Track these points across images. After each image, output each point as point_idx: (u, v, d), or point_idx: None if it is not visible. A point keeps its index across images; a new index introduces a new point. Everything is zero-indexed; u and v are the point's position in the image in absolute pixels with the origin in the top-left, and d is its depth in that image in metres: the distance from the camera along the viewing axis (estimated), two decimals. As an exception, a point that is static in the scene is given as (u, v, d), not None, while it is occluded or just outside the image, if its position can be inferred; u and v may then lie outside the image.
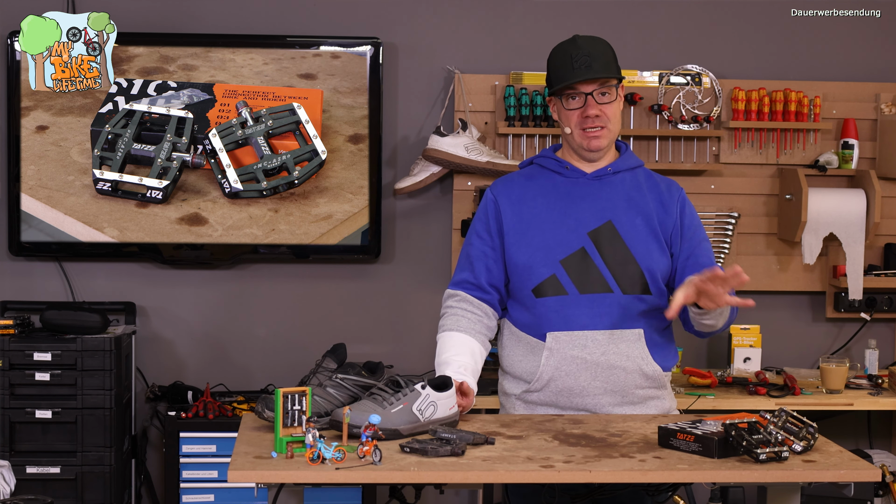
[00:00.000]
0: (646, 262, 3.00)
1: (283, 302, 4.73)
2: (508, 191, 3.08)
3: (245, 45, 4.60)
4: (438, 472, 2.46)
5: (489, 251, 3.05)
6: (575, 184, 3.05)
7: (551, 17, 4.73)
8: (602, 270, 2.98)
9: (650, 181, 3.10)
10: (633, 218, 3.02)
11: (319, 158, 4.51)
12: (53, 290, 4.64)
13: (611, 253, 2.98)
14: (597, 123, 2.99)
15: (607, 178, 3.06)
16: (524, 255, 3.00)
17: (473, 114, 4.66)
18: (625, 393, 2.99)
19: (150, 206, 4.54)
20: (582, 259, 2.97)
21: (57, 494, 4.12)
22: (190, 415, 4.33)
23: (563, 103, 3.02)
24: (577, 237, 2.99)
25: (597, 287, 2.97)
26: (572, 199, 3.03)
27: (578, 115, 3.00)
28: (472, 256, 3.07)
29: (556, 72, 3.02)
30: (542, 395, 3.00)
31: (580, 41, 3.02)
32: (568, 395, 2.98)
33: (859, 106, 4.78)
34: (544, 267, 2.98)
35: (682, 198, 3.10)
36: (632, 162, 3.10)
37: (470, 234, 3.11)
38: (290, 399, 2.57)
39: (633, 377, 2.98)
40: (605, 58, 3.01)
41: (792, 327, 4.87)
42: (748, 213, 4.76)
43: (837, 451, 2.67)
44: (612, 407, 2.99)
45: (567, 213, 3.02)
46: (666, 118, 4.68)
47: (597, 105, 2.98)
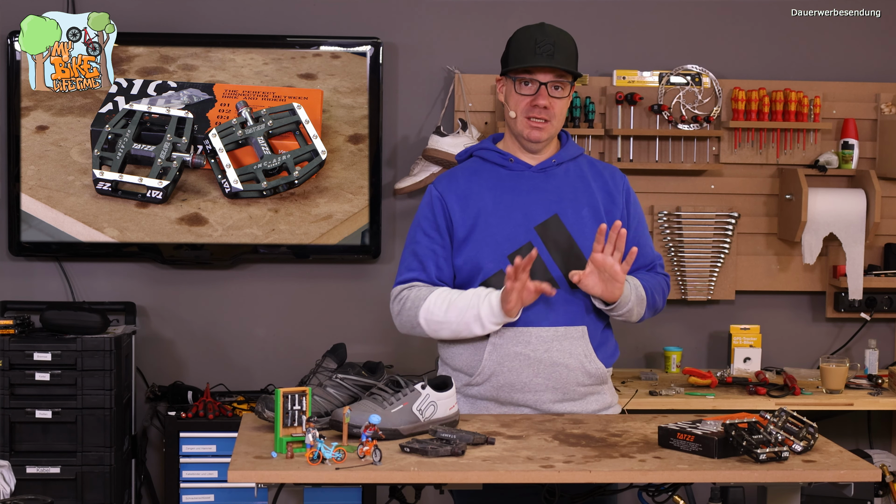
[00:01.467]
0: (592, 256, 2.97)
1: (283, 302, 4.73)
2: (454, 186, 3.04)
3: (245, 45, 4.60)
4: (438, 472, 2.46)
5: (438, 249, 3.01)
6: (520, 177, 3.03)
7: (551, 17, 4.71)
8: (548, 265, 2.96)
9: (593, 169, 3.08)
10: (579, 209, 3.00)
11: (319, 158, 4.51)
12: (53, 290, 4.64)
13: (557, 247, 2.97)
14: (543, 115, 2.97)
15: (552, 170, 3.04)
16: (472, 251, 2.98)
17: (473, 114, 4.66)
18: (566, 390, 2.98)
19: (150, 206, 4.54)
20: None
21: (57, 494, 4.12)
22: (190, 415, 4.33)
23: (514, 86, 2.99)
24: (525, 231, 2.97)
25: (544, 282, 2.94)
26: (518, 193, 3.01)
27: (527, 103, 2.97)
28: (421, 254, 3.02)
29: (517, 52, 2.99)
30: (483, 390, 2.99)
31: (548, 28, 3.00)
32: (509, 391, 2.97)
33: (859, 106, 4.78)
34: (492, 262, 2.97)
35: (627, 186, 3.09)
36: (574, 151, 3.08)
37: (414, 231, 3.06)
38: (290, 399, 2.57)
39: (575, 374, 2.97)
40: (568, 51, 2.98)
41: (792, 327, 4.87)
42: (748, 213, 4.76)
43: (837, 451, 2.67)
44: (552, 403, 2.98)
45: (513, 207, 2.99)
46: (666, 118, 4.68)
47: (548, 97, 2.96)
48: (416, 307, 2.98)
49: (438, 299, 2.95)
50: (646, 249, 3.11)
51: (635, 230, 3.08)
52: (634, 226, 3.08)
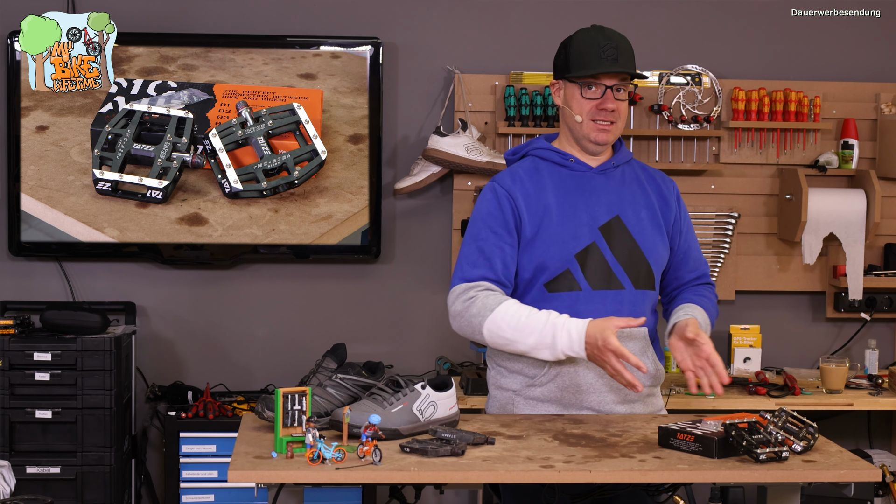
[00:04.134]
0: (653, 257, 2.99)
1: (283, 302, 4.73)
2: (519, 184, 3.00)
3: (245, 45, 4.60)
4: (438, 472, 2.46)
5: (506, 247, 2.95)
6: (582, 177, 3.02)
7: (551, 17, 4.73)
8: (613, 266, 2.96)
9: (645, 173, 3.10)
10: (638, 212, 3.01)
11: (319, 158, 4.51)
12: (53, 290, 4.64)
13: (620, 248, 2.97)
14: (610, 118, 2.97)
15: (611, 172, 3.04)
16: (538, 250, 2.95)
17: (473, 114, 4.66)
18: (628, 391, 2.97)
19: (150, 206, 4.54)
20: (594, 254, 2.94)
21: (57, 494, 4.12)
22: (190, 415, 4.33)
23: (580, 91, 2.97)
24: (589, 231, 2.96)
25: (609, 283, 2.95)
26: (581, 193, 2.99)
27: (594, 107, 2.96)
28: (488, 251, 2.94)
29: (581, 57, 2.96)
30: (546, 391, 2.97)
31: (609, 32, 2.99)
32: (574, 392, 2.96)
33: (859, 106, 4.78)
34: (559, 261, 2.94)
35: (677, 191, 3.12)
36: (627, 155, 3.10)
37: (479, 228, 2.97)
38: (290, 399, 2.57)
39: (638, 375, 2.96)
40: (629, 53, 2.98)
41: (792, 327, 4.87)
42: (748, 213, 4.76)
43: (837, 451, 2.67)
44: (612, 405, 2.97)
45: (578, 207, 2.98)
46: (666, 118, 4.68)
47: (614, 100, 2.96)
48: (482, 316, 2.88)
49: (508, 314, 2.86)
50: (697, 255, 3.11)
51: (686, 235, 3.09)
52: (686, 229, 3.09)
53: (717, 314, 3.13)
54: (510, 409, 3.02)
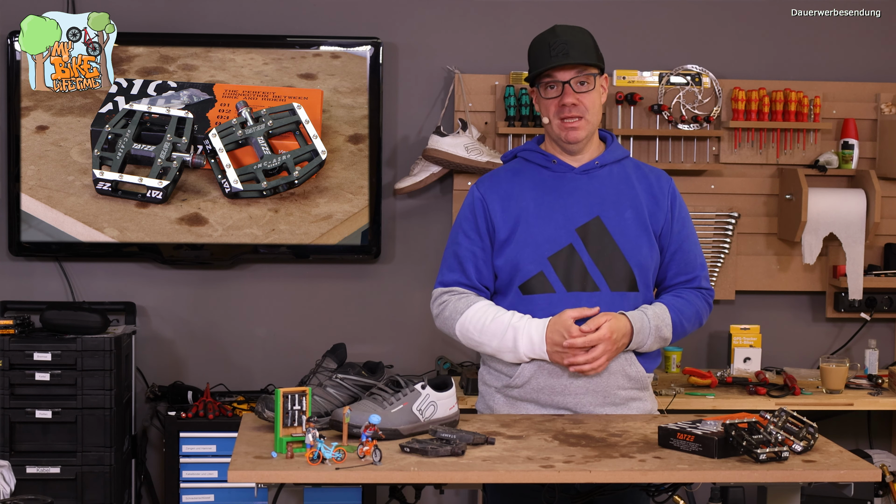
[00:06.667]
0: (635, 258, 2.96)
1: (283, 302, 4.73)
2: (495, 187, 3.02)
3: (245, 45, 4.60)
4: (438, 472, 2.46)
5: (478, 251, 3.00)
6: (562, 178, 3.01)
7: (551, 17, 4.73)
8: (589, 268, 2.94)
9: (638, 172, 3.06)
10: (622, 212, 2.98)
11: (319, 158, 4.51)
12: (53, 290, 4.64)
13: (598, 249, 2.95)
14: (574, 113, 2.95)
15: (595, 172, 3.02)
16: (512, 252, 2.96)
17: (473, 114, 4.66)
18: (607, 394, 2.96)
19: (150, 206, 4.54)
20: (569, 256, 2.94)
21: (57, 494, 4.12)
22: (190, 415, 4.33)
23: (541, 92, 2.99)
24: (566, 233, 2.95)
25: (584, 285, 2.94)
26: (560, 195, 2.99)
27: (556, 105, 2.97)
28: (461, 256, 3.01)
29: (535, 60, 2.98)
30: (523, 392, 2.98)
31: (558, 30, 2.99)
32: (549, 394, 2.96)
33: (859, 106, 4.78)
34: (532, 264, 2.95)
35: (672, 189, 3.06)
36: (619, 153, 3.06)
37: (455, 233, 3.05)
38: (290, 399, 2.57)
39: (615, 378, 2.96)
40: (583, 45, 2.96)
41: (792, 327, 4.87)
42: (748, 213, 4.76)
43: (837, 451, 2.67)
44: (593, 407, 2.96)
45: (555, 209, 2.98)
46: (666, 118, 4.68)
47: (574, 94, 2.95)
48: (454, 319, 2.99)
49: (475, 317, 2.96)
50: (689, 257, 3.06)
51: (679, 234, 3.04)
52: (678, 229, 3.04)
53: (702, 319, 3.07)
54: (494, 407, 3.03)
